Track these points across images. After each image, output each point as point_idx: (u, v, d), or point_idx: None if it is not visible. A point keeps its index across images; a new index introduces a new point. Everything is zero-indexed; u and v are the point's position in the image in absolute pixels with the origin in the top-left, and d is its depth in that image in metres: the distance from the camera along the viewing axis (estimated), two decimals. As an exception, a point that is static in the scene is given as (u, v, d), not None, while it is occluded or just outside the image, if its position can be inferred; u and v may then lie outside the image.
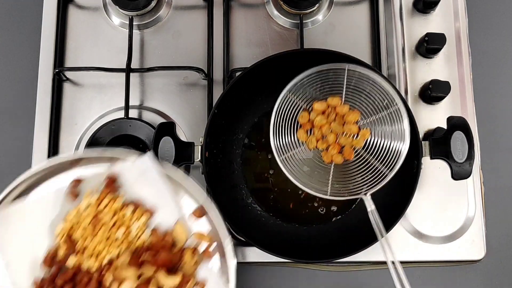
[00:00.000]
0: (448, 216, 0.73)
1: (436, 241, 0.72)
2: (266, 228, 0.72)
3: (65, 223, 0.63)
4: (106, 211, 0.63)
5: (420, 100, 0.76)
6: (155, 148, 0.65)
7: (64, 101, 0.79)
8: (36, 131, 0.76)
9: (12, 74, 0.83)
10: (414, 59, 0.77)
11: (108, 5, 0.81)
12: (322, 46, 0.68)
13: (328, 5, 0.81)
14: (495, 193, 0.78)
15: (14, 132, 0.81)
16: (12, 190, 0.63)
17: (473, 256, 0.72)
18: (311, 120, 0.68)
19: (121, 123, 0.75)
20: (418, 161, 0.65)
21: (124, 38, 0.79)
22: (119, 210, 0.63)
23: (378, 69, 0.77)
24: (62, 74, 0.78)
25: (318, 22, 0.81)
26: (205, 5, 0.81)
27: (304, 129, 0.68)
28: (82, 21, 0.81)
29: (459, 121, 0.66)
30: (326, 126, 0.67)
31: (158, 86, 0.79)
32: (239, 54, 0.80)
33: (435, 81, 0.73)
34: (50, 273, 0.62)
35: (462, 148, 0.65)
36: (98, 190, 0.64)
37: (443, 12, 0.79)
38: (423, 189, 0.73)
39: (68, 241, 0.62)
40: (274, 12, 0.81)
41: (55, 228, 0.63)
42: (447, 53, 0.77)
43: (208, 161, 0.67)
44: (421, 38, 0.76)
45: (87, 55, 0.80)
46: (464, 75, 0.77)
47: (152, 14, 0.81)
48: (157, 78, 0.79)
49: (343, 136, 0.68)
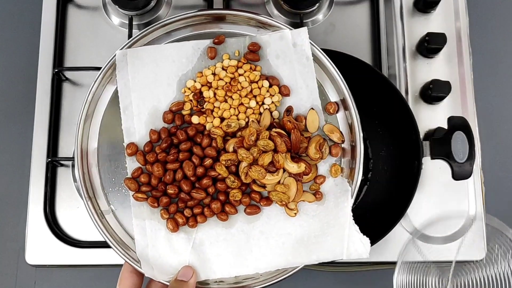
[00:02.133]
0: (448, 216, 0.73)
1: (436, 241, 0.72)
2: (266, 228, 0.72)
3: (197, 80, 0.61)
4: (242, 79, 0.60)
5: (420, 100, 0.76)
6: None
7: (64, 101, 0.78)
8: (35, 131, 0.76)
9: (11, 74, 0.83)
10: (414, 58, 0.77)
11: (108, 5, 0.81)
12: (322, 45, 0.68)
13: (328, 5, 0.81)
14: (496, 193, 0.78)
15: (13, 132, 0.81)
16: (151, 31, 0.61)
17: (473, 257, 0.72)
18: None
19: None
20: (418, 161, 0.65)
21: (123, 38, 0.79)
22: (254, 81, 0.60)
23: (378, 69, 0.77)
24: (62, 74, 0.78)
25: (318, 22, 0.81)
26: (205, 4, 0.81)
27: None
28: (81, 21, 0.81)
29: (460, 121, 0.66)
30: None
31: (157, 86, 0.79)
32: (239, 53, 0.80)
33: (435, 81, 0.73)
34: (169, 127, 0.60)
35: (462, 148, 0.65)
36: (238, 55, 0.61)
37: (444, 11, 0.78)
38: (423, 189, 0.73)
39: (197, 98, 0.60)
40: (274, 12, 0.81)
41: (184, 83, 0.61)
42: (447, 53, 0.77)
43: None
44: (421, 38, 0.76)
45: (86, 55, 0.80)
46: (465, 75, 0.76)
47: (151, 14, 0.81)
48: (157, 78, 0.79)
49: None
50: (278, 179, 0.58)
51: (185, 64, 0.61)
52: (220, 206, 0.59)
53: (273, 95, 0.61)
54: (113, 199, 0.61)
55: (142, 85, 0.61)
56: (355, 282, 0.76)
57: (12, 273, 0.79)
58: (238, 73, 0.61)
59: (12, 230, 0.79)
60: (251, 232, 0.59)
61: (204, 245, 0.59)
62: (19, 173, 0.79)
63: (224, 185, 0.59)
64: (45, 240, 0.73)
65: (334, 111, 0.62)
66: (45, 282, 0.78)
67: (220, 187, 0.59)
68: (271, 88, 0.61)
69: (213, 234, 0.59)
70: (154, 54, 0.61)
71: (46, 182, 0.74)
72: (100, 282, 0.78)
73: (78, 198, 0.75)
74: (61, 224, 0.74)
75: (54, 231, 0.73)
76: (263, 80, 0.61)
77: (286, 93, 0.61)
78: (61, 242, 0.72)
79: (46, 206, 0.74)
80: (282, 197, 0.58)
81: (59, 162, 0.75)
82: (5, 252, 0.79)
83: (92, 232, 0.74)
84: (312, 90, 0.61)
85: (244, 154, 0.57)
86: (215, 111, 0.61)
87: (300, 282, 0.75)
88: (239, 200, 0.59)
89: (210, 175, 0.59)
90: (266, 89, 0.61)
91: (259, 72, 0.62)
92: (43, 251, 0.72)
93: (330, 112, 0.62)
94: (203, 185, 0.59)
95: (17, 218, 0.78)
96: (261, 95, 0.61)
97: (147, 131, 0.61)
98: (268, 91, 0.61)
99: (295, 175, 0.59)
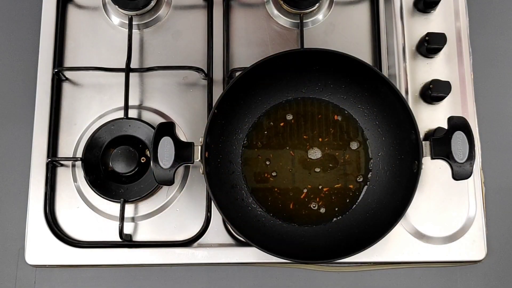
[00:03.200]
0: (448, 217, 0.73)
1: (436, 241, 0.72)
2: (266, 228, 0.72)
3: None
4: None
5: (420, 100, 0.76)
6: (154, 148, 0.65)
7: (64, 101, 0.78)
8: (35, 131, 0.76)
9: (11, 74, 0.83)
10: (414, 58, 0.77)
11: (108, 5, 0.81)
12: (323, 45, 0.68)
13: (328, 5, 0.81)
14: (496, 194, 0.78)
15: (13, 132, 0.81)
16: None
17: (473, 257, 0.72)
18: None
19: (121, 123, 0.75)
20: (418, 161, 0.65)
21: (123, 37, 0.79)
22: None
23: (378, 69, 0.77)
24: (62, 74, 0.78)
25: (318, 22, 0.81)
26: (205, 4, 0.81)
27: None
28: (81, 21, 0.81)
29: (460, 121, 0.66)
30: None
31: (157, 86, 0.79)
32: (239, 54, 0.80)
33: (435, 81, 0.73)
34: None
35: (462, 148, 0.65)
36: None
37: (444, 11, 0.78)
38: (423, 190, 0.73)
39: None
40: (274, 11, 0.81)
41: None
42: (447, 52, 0.77)
43: (208, 161, 0.67)
44: (421, 38, 0.76)
45: (86, 55, 0.80)
46: (465, 75, 0.76)
47: (151, 14, 0.81)
48: (157, 78, 0.79)
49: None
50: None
51: None
52: None
53: None
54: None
55: None
56: (354, 283, 0.76)
57: (12, 273, 0.79)
58: None
59: (12, 230, 0.79)
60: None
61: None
62: (19, 173, 0.79)
63: None
64: (45, 240, 0.73)
65: None
66: (45, 282, 0.78)
67: None
68: None
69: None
70: None
71: (46, 182, 0.74)
72: (100, 282, 0.78)
73: (78, 198, 0.75)
74: (61, 224, 0.74)
75: (54, 231, 0.73)
76: None
77: None
78: (61, 242, 0.73)
79: (46, 206, 0.74)
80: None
81: (59, 162, 0.75)
82: (5, 252, 0.79)
83: (92, 232, 0.74)
84: None
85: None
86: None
87: (300, 283, 0.75)
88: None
89: None
90: None
91: None
92: (43, 251, 0.72)
93: None
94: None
95: (17, 218, 0.78)
96: None
97: None
98: None
99: None
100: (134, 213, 0.75)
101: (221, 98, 0.68)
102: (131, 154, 0.74)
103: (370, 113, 0.73)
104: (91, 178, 0.73)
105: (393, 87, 0.67)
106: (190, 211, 0.75)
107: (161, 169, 0.64)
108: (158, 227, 0.74)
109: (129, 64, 0.76)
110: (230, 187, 0.73)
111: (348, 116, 0.75)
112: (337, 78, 0.73)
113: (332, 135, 0.74)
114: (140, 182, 0.74)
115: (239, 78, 0.69)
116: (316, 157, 0.74)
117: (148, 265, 0.72)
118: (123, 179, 0.74)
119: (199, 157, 0.66)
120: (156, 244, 0.73)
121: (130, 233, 0.74)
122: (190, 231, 0.74)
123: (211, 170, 0.68)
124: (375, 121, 0.73)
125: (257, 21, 0.81)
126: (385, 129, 0.73)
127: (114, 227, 0.72)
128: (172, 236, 0.74)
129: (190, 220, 0.74)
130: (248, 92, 0.72)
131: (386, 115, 0.72)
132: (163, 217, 0.75)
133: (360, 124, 0.74)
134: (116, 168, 0.74)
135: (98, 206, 0.75)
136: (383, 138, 0.73)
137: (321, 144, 0.74)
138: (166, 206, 0.75)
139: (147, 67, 0.78)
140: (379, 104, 0.72)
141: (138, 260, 0.72)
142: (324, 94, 0.75)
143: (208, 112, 0.76)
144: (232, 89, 0.69)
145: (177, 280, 0.78)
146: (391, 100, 0.68)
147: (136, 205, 0.75)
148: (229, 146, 0.74)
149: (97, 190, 0.73)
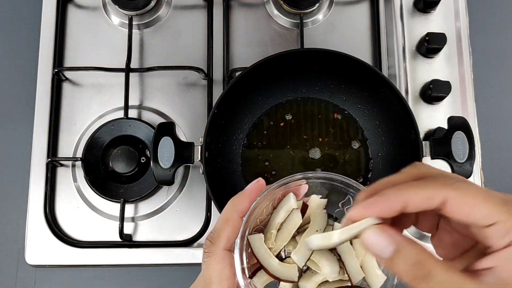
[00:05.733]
0: (448, 217, 0.73)
1: (436, 241, 0.72)
2: (266, 228, 0.72)
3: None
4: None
5: (420, 100, 0.76)
6: (154, 148, 0.65)
7: (63, 101, 0.78)
8: (35, 131, 0.76)
9: (11, 74, 0.83)
10: (414, 58, 0.77)
11: (108, 5, 0.81)
12: (322, 45, 0.68)
13: (328, 5, 0.81)
14: (496, 193, 0.78)
15: (13, 132, 0.81)
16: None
17: (473, 257, 0.72)
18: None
19: (121, 123, 0.75)
20: (418, 161, 0.65)
21: (123, 37, 0.79)
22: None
23: (378, 69, 0.77)
24: (61, 74, 0.78)
25: (318, 22, 0.81)
26: (205, 4, 0.81)
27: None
28: (81, 21, 0.81)
29: (460, 121, 0.66)
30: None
31: (157, 86, 0.79)
32: (239, 54, 0.80)
33: (435, 81, 0.73)
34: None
35: (462, 148, 0.65)
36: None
37: (444, 11, 0.78)
38: (423, 189, 0.73)
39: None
40: (274, 11, 0.81)
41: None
42: (447, 52, 0.77)
43: (208, 161, 0.67)
44: (421, 38, 0.76)
45: (86, 55, 0.80)
46: (465, 75, 0.76)
47: (151, 14, 0.81)
48: (157, 78, 0.79)
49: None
50: None
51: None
52: None
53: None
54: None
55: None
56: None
57: (12, 273, 0.79)
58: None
59: (12, 230, 0.79)
60: None
61: None
62: (19, 173, 0.79)
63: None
64: (45, 240, 0.73)
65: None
66: (45, 282, 0.78)
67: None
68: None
69: None
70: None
71: (46, 182, 0.74)
72: (100, 282, 0.78)
73: (78, 198, 0.75)
74: (61, 224, 0.74)
75: (54, 231, 0.73)
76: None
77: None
78: (61, 242, 0.73)
79: (46, 206, 0.74)
80: None
81: (59, 162, 0.75)
82: (5, 252, 0.79)
83: (92, 232, 0.74)
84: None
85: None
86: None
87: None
88: None
89: None
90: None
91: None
92: (43, 251, 0.72)
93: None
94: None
95: (17, 218, 0.78)
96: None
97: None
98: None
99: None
100: (134, 213, 0.75)
101: (221, 98, 0.68)
102: (131, 154, 0.74)
103: (370, 113, 0.73)
104: (91, 178, 0.73)
105: (393, 87, 0.67)
106: (190, 211, 0.75)
107: (161, 169, 0.64)
108: (158, 227, 0.74)
109: (129, 64, 0.76)
110: (230, 187, 0.73)
111: (348, 116, 0.75)
112: (337, 78, 0.73)
113: (332, 135, 0.74)
114: (140, 182, 0.74)
115: (239, 78, 0.69)
116: (316, 157, 0.74)
117: (148, 265, 0.72)
118: (123, 179, 0.74)
119: (199, 157, 0.66)
120: (156, 244, 0.73)
121: (130, 233, 0.74)
122: (190, 231, 0.73)
123: (211, 170, 0.68)
124: (375, 121, 0.73)
125: (257, 21, 0.81)
126: (385, 129, 0.73)
127: (114, 227, 0.72)
128: (172, 236, 0.74)
129: (190, 220, 0.74)
130: (248, 92, 0.72)
131: (386, 115, 0.72)
132: (163, 217, 0.75)
133: (360, 124, 0.74)
134: (116, 168, 0.74)
135: (98, 206, 0.75)
136: (383, 138, 0.73)
137: (321, 144, 0.74)
138: (166, 206, 0.75)
139: (147, 67, 0.78)
140: (379, 104, 0.72)
141: (138, 260, 0.72)
142: (324, 94, 0.75)
143: (208, 112, 0.76)
144: (232, 89, 0.69)
145: (177, 280, 0.78)
146: (391, 100, 0.68)
147: (136, 205, 0.75)
148: (229, 146, 0.74)
149: (97, 190, 0.73)
